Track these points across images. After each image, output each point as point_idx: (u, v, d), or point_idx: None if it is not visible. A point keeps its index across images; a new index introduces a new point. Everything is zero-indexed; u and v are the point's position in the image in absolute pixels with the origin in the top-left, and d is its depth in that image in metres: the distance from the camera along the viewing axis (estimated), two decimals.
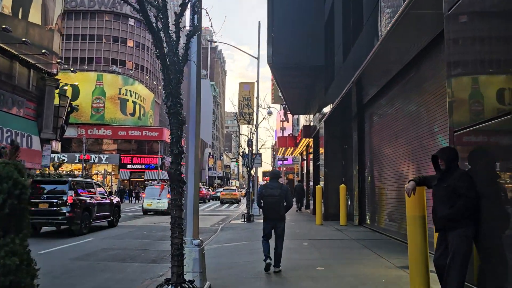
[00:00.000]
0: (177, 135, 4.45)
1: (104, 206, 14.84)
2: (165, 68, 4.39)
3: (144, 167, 56.92)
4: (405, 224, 10.30)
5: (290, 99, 23.15)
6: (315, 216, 16.07)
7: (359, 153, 14.27)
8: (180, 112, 4.45)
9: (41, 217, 12.32)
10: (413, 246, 4.87)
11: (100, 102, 58.74)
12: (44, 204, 12.37)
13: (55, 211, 12.29)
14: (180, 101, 4.46)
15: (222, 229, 14.33)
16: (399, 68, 9.80)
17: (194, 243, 5.51)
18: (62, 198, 12.44)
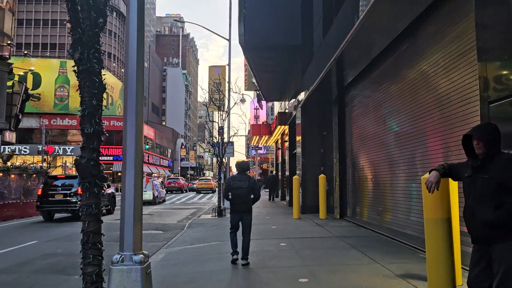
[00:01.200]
0: (92, 107, 2.97)
1: (107, 198, 17.30)
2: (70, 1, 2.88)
3: (112, 158, 54.42)
4: (395, 217, 9.23)
5: (264, 84, 21.71)
6: (292, 208, 14.86)
7: (340, 139, 13.05)
8: (97, 70, 2.96)
9: (58, 206, 15.27)
10: (435, 261, 3.57)
11: (64, 90, 55.59)
12: (59, 194, 15.36)
13: (69, 200, 15.17)
14: (98, 56, 2.97)
15: (190, 225, 12.87)
16: (390, 40, 8.53)
17: (134, 259, 4.02)
18: (75, 189, 15.19)
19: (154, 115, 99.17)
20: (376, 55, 9.37)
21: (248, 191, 6.69)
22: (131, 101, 4.10)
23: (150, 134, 66.55)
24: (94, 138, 3.07)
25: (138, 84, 4.10)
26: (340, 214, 12.90)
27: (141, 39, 4.16)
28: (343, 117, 13.02)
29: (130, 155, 4.07)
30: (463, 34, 5.90)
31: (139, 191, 4.10)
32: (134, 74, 4.05)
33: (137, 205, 4.08)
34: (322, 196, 12.85)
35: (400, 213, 8.44)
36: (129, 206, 4.01)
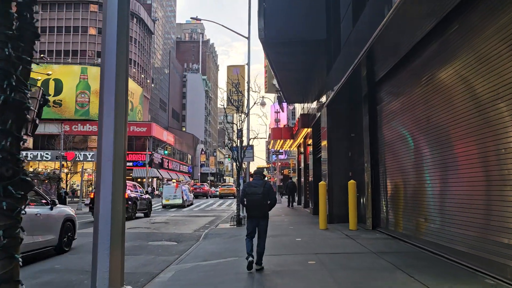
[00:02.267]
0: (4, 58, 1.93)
1: (143, 201, 20.28)
2: None
3: (132, 164, 54.11)
4: (443, 230, 7.82)
5: (285, 84, 20.55)
6: (316, 216, 13.62)
7: (372, 142, 11.73)
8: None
9: None
10: None
11: (85, 96, 55.82)
12: None
13: None
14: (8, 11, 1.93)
15: (206, 236, 11.76)
16: (436, 21, 7.26)
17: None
18: None
19: (174, 121, 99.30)
20: (418, 40, 8.08)
21: (263, 197, 6.60)
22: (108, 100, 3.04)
23: (170, 140, 66.24)
24: (8, 114, 2.01)
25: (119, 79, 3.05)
26: (373, 224, 11.56)
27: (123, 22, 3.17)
28: (375, 117, 11.71)
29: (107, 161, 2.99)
30: None
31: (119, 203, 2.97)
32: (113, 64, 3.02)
33: (116, 223, 2.95)
34: (352, 205, 11.55)
35: (451, 226, 7.10)
36: (104, 224, 2.90)
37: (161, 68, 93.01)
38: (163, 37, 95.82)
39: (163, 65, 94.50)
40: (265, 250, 6.70)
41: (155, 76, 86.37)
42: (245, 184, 7.20)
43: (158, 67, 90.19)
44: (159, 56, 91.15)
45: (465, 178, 6.68)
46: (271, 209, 6.83)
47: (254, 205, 6.61)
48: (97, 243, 2.77)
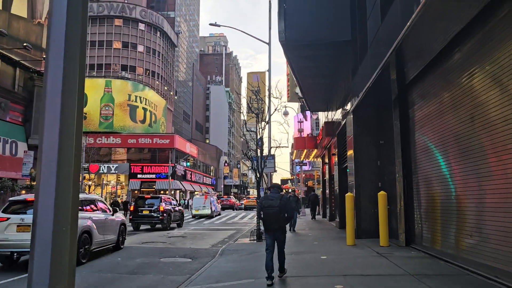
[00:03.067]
0: None
1: (176, 213, 21.42)
2: None
3: (155, 176, 54.00)
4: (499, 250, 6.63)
5: (308, 91, 19.64)
6: (343, 231, 12.56)
7: (404, 149, 10.66)
8: None
9: (144, 219, 19.49)
10: None
11: (109, 109, 56.40)
12: (146, 210, 19.46)
13: (152, 215, 19.26)
14: None
15: (223, 252, 10.88)
16: (479, 8, 6.27)
17: None
18: (156, 206, 19.40)
19: (197, 133, 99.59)
20: (458, 31, 7.08)
21: (280, 210, 6.65)
22: (53, 80, 2.27)
23: (193, 152, 66.07)
24: None
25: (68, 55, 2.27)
26: (406, 240, 10.41)
27: None
28: (407, 121, 10.66)
29: (49, 162, 2.19)
30: None
31: (65, 222, 2.13)
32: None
33: (59, 256, 2.09)
34: (383, 218, 10.45)
35: (507, 244, 5.99)
36: (41, 258, 2.06)
37: (185, 80, 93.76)
38: (186, 50, 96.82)
39: (186, 77, 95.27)
40: (286, 271, 7.01)
41: (179, 89, 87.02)
42: (262, 198, 7.23)
43: (182, 79, 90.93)
44: (182, 69, 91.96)
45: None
46: (288, 222, 7.00)
47: (271, 218, 6.69)
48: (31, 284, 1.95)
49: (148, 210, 19.38)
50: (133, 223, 19.48)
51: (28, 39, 22.95)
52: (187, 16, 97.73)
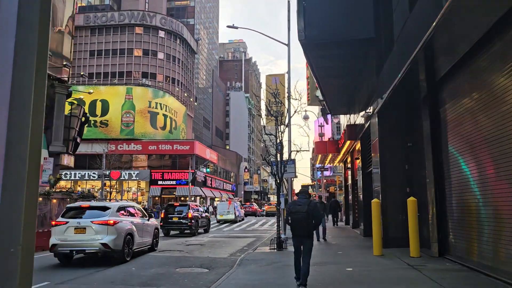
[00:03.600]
0: None
1: (203, 220, 22.26)
2: None
3: (175, 182, 53.91)
4: None
5: (329, 93, 18.95)
6: (368, 239, 11.82)
7: (435, 151, 9.88)
8: None
9: (174, 225, 20.37)
10: None
11: (130, 116, 56.79)
12: (175, 217, 20.37)
13: (181, 222, 20.09)
14: None
15: (242, 262, 10.28)
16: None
17: None
18: (185, 213, 20.22)
19: (218, 139, 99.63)
20: (501, 16, 6.34)
21: (308, 216, 6.62)
22: None
23: (213, 158, 65.90)
24: None
25: None
26: (439, 250, 9.59)
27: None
28: (437, 122, 9.89)
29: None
30: None
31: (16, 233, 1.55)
32: None
33: None
34: (413, 227, 9.67)
35: None
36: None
37: (205, 87, 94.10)
38: (206, 57, 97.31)
39: (206, 84, 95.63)
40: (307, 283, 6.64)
41: (199, 95, 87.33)
42: (290, 203, 7.19)
43: (202, 86, 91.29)
44: (202, 76, 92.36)
45: None
46: (316, 228, 7.04)
47: (298, 224, 6.64)
48: None
49: (177, 217, 20.34)
50: (163, 229, 19.96)
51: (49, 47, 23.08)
52: (207, 23, 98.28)
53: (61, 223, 10.61)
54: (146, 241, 12.64)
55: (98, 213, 10.88)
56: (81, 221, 10.54)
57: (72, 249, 10.41)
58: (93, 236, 10.33)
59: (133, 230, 11.43)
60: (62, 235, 10.39)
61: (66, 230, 10.43)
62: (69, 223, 10.51)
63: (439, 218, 9.69)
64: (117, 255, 10.59)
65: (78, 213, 10.97)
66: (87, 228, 10.41)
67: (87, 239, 10.35)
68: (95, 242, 10.27)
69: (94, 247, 10.33)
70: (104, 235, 10.32)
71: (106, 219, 10.57)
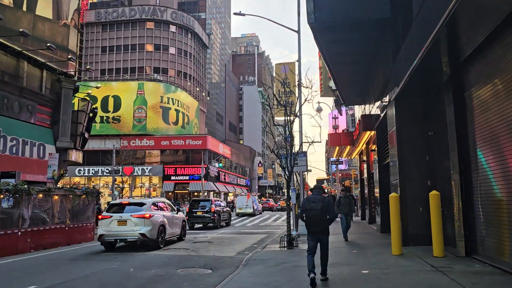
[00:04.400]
0: None
1: (225, 214, 24.03)
2: None
3: (188, 178, 53.49)
4: None
5: (342, 82, 17.98)
6: (385, 236, 10.95)
7: (460, 140, 8.92)
8: None
9: (198, 219, 21.97)
10: None
11: (142, 111, 56.51)
12: (200, 212, 21.93)
13: (205, 216, 21.75)
14: None
15: (248, 262, 9.52)
16: None
17: None
18: (208, 207, 21.83)
19: (231, 133, 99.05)
20: None
21: (322, 212, 6.65)
22: None
23: (226, 153, 65.29)
24: None
25: None
26: (466, 250, 8.66)
27: None
28: (463, 107, 8.91)
29: None
30: None
31: None
32: None
33: None
34: (436, 223, 8.75)
35: None
36: None
37: (217, 82, 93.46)
38: (218, 51, 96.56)
39: (219, 78, 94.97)
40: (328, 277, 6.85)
41: (212, 90, 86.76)
42: (304, 200, 7.14)
43: (214, 81, 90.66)
44: (215, 70, 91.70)
45: None
46: (330, 223, 6.90)
47: (313, 221, 6.67)
48: None
49: (201, 211, 21.97)
50: (188, 222, 20.84)
51: (53, 40, 22.56)
52: (218, 17, 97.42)
53: (106, 217, 12.67)
54: (175, 231, 14.59)
55: (136, 208, 12.82)
56: (123, 215, 12.55)
57: (116, 238, 12.54)
58: (133, 227, 12.32)
59: (165, 222, 13.37)
60: (108, 226, 12.50)
61: (111, 223, 12.50)
62: (113, 217, 12.54)
63: (465, 214, 8.74)
64: (153, 243, 12.53)
65: (119, 209, 12.95)
66: (127, 221, 12.40)
67: (128, 230, 12.35)
68: (134, 232, 12.27)
69: (134, 236, 12.32)
70: (142, 227, 12.31)
71: (143, 213, 12.55)
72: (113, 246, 13.07)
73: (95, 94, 55.72)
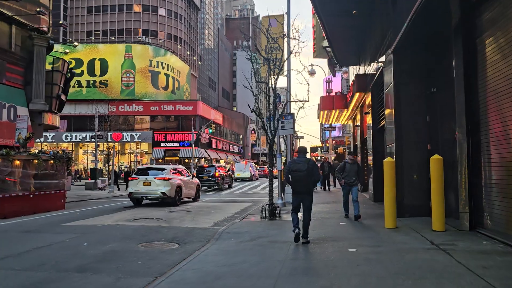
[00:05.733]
0: None
1: (228, 178, 28.01)
2: None
3: (179, 144, 52.15)
4: None
5: (336, 38, 16.42)
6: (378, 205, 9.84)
7: (469, 96, 7.57)
8: None
9: (205, 182, 24.67)
10: None
11: (130, 76, 54.40)
12: (205, 176, 25.23)
13: (210, 179, 25.30)
14: None
15: (221, 236, 8.33)
16: None
17: None
18: (212, 173, 25.53)
19: (224, 100, 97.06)
20: None
21: (308, 173, 6.80)
22: None
23: (218, 119, 63.74)
24: None
25: None
26: (471, 223, 7.49)
27: None
28: (473, 57, 7.51)
29: None
30: None
31: None
32: None
33: None
34: (437, 193, 7.52)
35: None
36: None
37: (210, 47, 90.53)
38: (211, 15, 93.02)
39: (212, 43, 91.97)
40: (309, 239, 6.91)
41: (205, 56, 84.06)
42: (290, 162, 7.39)
43: (207, 45, 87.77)
44: (207, 35, 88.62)
45: None
46: (315, 185, 7.25)
47: (299, 181, 6.81)
48: None
49: (207, 176, 25.19)
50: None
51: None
52: None
53: (134, 179, 15.74)
54: (190, 193, 17.02)
55: (158, 172, 15.66)
56: (147, 178, 15.36)
57: (142, 195, 15.46)
58: (155, 187, 15.10)
59: (181, 185, 15.91)
60: (135, 186, 15.44)
61: (138, 183, 15.37)
62: (140, 178, 15.42)
63: (471, 182, 7.52)
64: (171, 200, 15.25)
65: (144, 172, 15.93)
66: (151, 182, 15.19)
67: (152, 189, 15.15)
68: (157, 191, 15.04)
69: (156, 194, 15.12)
70: (163, 187, 15.02)
71: (164, 176, 15.32)
72: (140, 202, 15.79)
73: (80, 57, 53.58)
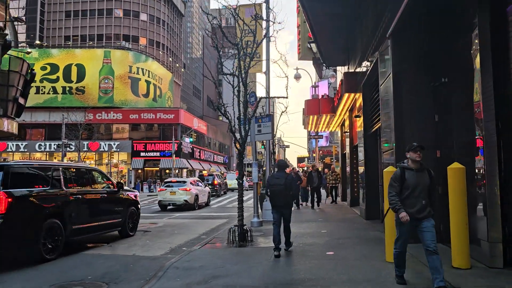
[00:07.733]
0: None
1: (224, 186, 33.61)
2: None
3: (159, 154, 49.62)
4: None
5: (322, 32, 14.47)
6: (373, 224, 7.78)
7: (499, 85, 5.60)
8: None
9: None
10: None
11: (109, 82, 51.88)
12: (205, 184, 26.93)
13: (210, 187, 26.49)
14: None
15: (166, 272, 6.13)
16: None
17: None
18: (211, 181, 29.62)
19: (209, 109, 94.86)
20: None
21: (285, 188, 6.98)
22: None
23: (202, 128, 61.43)
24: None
25: None
26: (505, 257, 5.45)
27: None
28: (505, 32, 5.57)
29: None
30: None
31: None
32: None
33: None
34: (458, 216, 5.47)
35: None
36: None
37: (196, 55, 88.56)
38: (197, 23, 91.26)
39: (197, 52, 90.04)
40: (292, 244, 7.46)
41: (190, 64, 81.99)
42: (269, 177, 7.75)
43: (192, 53, 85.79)
44: (193, 42, 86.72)
45: None
46: (293, 199, 7.77)
47: (277, 195, 7.03)
48: None
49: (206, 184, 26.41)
50: None
51: None
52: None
53: (163, 190, 19.32)
54: (204, 199, 20.83)
55: (180, 184, 19.23)
56: (173, 189, 18.91)
57: (169, 202, 18.92)
58: (179, 196, 18.52)
59: (198, 193, 19.55)
60: (164, 195, 18.97)
61: (165, 193, 18.92)
62: (167, 189, 18.98)
63: (504, 200, 5.50)
64: (191, 206, 18.53)
65: (170, 184, 19.43)
66: (176, 192, 18.61)
67: (176, 198, 18.57)
68: (181, 199, 18.49)
69: (180, 201, 18.47)
70: (185, 196, 18.51)
71: (185, 187, 18.96)
72: (165, 207, 19.05)
73: (56, 62, 51.05)
